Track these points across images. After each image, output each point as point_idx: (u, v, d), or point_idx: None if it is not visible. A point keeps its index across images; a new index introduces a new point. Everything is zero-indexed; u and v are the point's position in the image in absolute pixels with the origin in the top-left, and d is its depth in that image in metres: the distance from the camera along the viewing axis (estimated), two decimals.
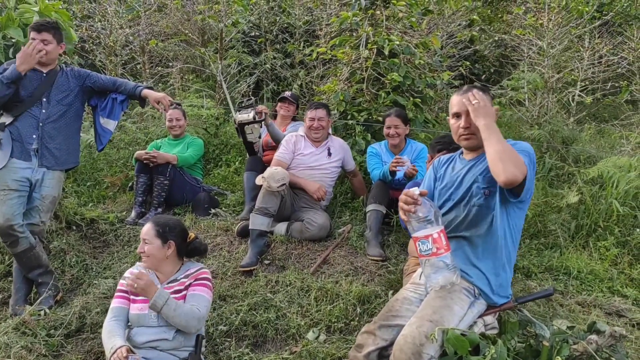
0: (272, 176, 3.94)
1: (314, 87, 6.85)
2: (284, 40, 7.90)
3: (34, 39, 3.44)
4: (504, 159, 2.18)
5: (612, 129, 6.19)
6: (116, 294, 2.92)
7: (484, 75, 8.56)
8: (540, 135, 4.83)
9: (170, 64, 7.16)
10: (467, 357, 2.12)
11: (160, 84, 7.15)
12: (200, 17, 6.79)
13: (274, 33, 7.91)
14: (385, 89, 5.16)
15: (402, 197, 2.28)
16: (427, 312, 2.31)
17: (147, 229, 2.87)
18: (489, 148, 2.25)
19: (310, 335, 3.22)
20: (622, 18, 8.56)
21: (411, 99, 5.13)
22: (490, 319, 2.44)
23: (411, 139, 4.53)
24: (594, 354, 2.25)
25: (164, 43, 7.50)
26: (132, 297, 2.87)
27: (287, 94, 5.28)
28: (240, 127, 4.70)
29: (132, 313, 2.84)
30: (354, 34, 5.57)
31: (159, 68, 6.84)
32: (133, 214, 4.69)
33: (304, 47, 7.48)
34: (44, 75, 3.59)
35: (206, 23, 7.09)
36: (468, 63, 7.24)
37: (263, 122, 4.66)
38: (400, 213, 2.30)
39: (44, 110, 3.54)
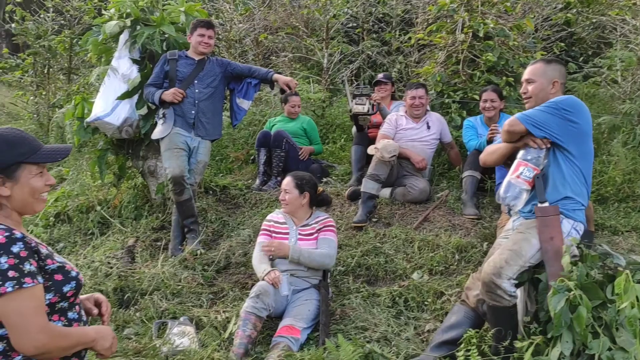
0: (385, 147, 4.54)
1: (409, 71, 7.36)
2: (381, 29, 8.46)
3: (203, 34, 4.32)
4: None
5: None
6: (261, 232, 3.69)
7: (581, 58, 8.64)
8: (632, 108, 5.10)
9: (279, 54, 7.96)
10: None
11: None
12: (306, 11, 7.52)
13: (371, 23, 8.50)
14: (480, 69, 5.60)
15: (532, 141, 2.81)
16: (508, 243, 2.83)
17: (287, 181, 3.59)
18: None
19: (415, 276, 3.81)
20: None
21: (504, 78, 5.53)
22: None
23: (505, 113, 4.96)
24: None
25: (272, 36, 8.30)
26: (273, 234, 3.62)
27: (380, 76, 5.85)
28: (355, 116, 5.33)
29: None
30: (450, 20, 6.03)
31: (272, 58, 7.65)
32: (257, 181, 5.49)
33: (400, 34, 7.99)
34: (195, 62, 4.43)
35: (311, 16, 7.81)
36: (563, 45, 7.42)
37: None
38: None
39: (197, 91, 4.39)
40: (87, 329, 1.79)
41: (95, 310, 1.88)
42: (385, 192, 4.84)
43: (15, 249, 1.59)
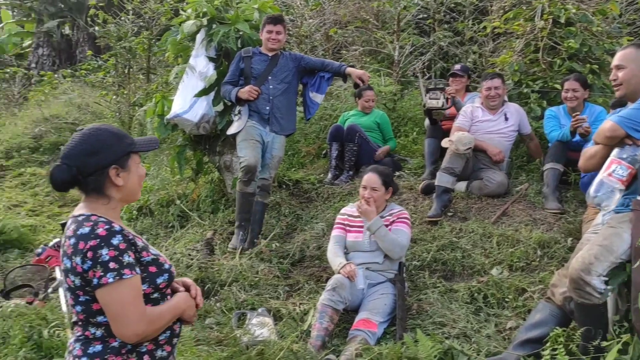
0: (460, 140, 4.44)
1: (484, 61, 7.14)
2: (453, 19, 8.25)
3: (271, 31, 4.38)
4: None
5: None
6: (335, 226, 3.70)
7: None
8: None
9: (349, 48, 7.93)
10: None
11: None
12: (376, 3, 7.45)
13: (442, 13, 8.30)
14: (561, 56, 5.34)
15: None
16: (598, 238, 2.68)
17: (373, 178, 3.56)
18: None
19: (494, 271, 3.70)
20: None
21: (588, 65, 5.25)
22: None
23: (590, 103, 4.71)
24: None
25: (342, 30, 8.29)
26: (347, 227, 3.62)
27: (457, 67, 5.69)
28: (428, 111, 5.24)
29: (349, 240, 3.59)
30: (528, 7, 5.79)
31: (343, 52, 7.65)
32: (329, 175, 5.51)
33: (473, 24, 7.76)
34: (269, 58, 4.50)
35: (381, 8, 7.73)
36: None
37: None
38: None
39: (271, 87, 4.45)
40: (174, 300, 1.83)
41: (182, 288, 1.92)
42: (461, 185, 4.73)
43: (115, 241, 1.67)
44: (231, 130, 4.52)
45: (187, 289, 1.94)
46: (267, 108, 4.44)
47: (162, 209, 5.37)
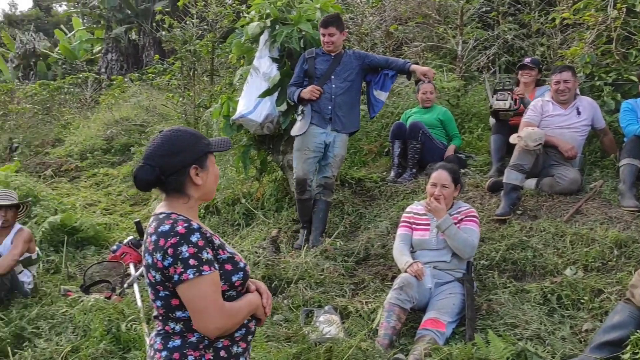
0: (529, 136, 4.30)
1: (552, 54, 6.89)
2: (518, 11, 8.00)
3: (323, 34, 4.43)
4: None
5: None
6: (401, 224, 3.67)
7: None
8: None
9: (410, 44, 7.84)
10: None
11: None
12: None
13: (507, 5, 8.06)
14: (636, 47, 5.08)
15: None
16: None
17: (443, 175, 3.52)
18: None
19: (567, 272, 3.56)
20: None
21: None
22: None
23: None
24: None
25: (402, 27, 8.20)
26: (413, 226, 3.59)
27: (527, 60, 5.50)
28: (495, 112, 5.11)
29: (415, 239, 3.56)
30: None
31: (404, 48, 7.58)
32: (392, 174, 5.46)
33: (540, 15, 7.50)
34: (332, 57, 4.52)
35: (443, 3, 7.60)
36: None
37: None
38: None
39: (333, 86, 4.48)
40: (249, 297, 1.87)
41: (253, 287, 1.96)
42: (530, 182, 4.58)
43: (194, 238, 1.72)
44: (294, 132, 4.59)
45: (260, 294, 1.98)
46: (329, 107, 4.46)
47: (228, 208, 5.50)
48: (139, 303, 3.64)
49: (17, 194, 4.81)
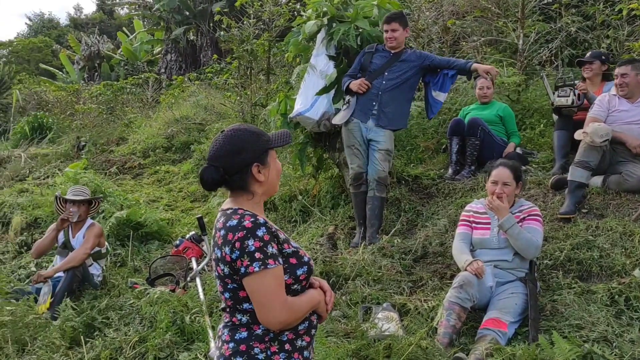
0: (595, 131, 4.15)
1: (618, 46, 6.60)
2: (581, 2, 7.71)
3: (386, 30, 4.40)
4: None
5: None
6: (460, 223, 3.63)
7: None
8: None
9: (468, 39, 7.70)
10: None
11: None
12: None
13: None
14: None
15: None
16: None
17: (505, 173, 3.46)
18: None
19: (636, 272, 3.42)
20: None
21: None
22: None
23: None
24: None
25: (460, 21, 8.06)
26: (473, 224, 3.54)
27: (588, 55, 5.30)
28: (557, 109, 4.97)
29: (475, 237, 3.50)
30: None
31: (462, 43, 7.45)
32: (450, 171, 5.39)
33: (605, 7, 7.20)
34: (391, 54, 4.51)
35: None
36: None
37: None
38: None
39: (383, 82, 4.50)
40: (311, 292, 1.91)
41: (317, 284, 1.99)
42: (597, 180, 4.41)
43: (259, 232, 1.78)
44: (336, 120, 4.71)
45: (323, 291, 2.00)
46: (374, 103, 4.52)
47: (285, 204, 5.58)
48: (202, 296, 3.75)
49: (89, 190, 5.06)
